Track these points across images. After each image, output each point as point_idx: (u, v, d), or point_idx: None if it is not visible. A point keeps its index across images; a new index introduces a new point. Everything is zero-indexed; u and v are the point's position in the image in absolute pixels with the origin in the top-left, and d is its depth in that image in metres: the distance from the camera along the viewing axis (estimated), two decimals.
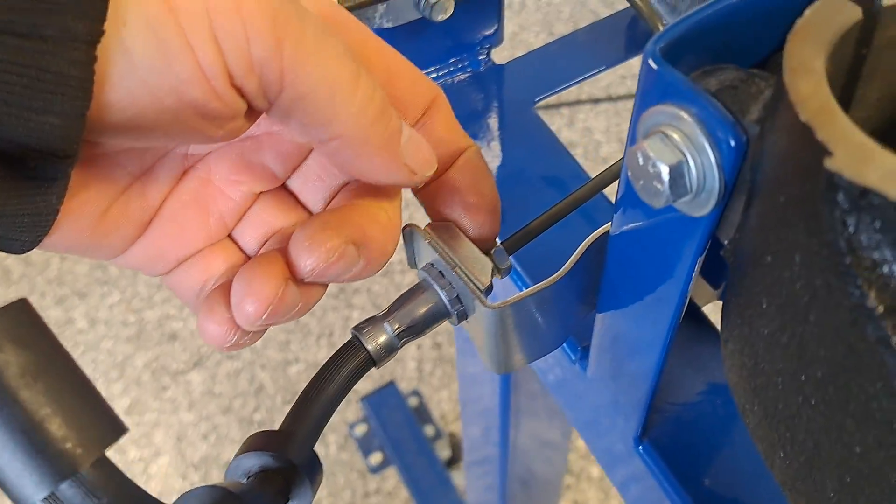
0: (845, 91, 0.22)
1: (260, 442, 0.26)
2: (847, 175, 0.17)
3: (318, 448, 1.42)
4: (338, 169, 0.30)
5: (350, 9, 0.40)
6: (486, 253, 0.31)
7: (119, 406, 1.46)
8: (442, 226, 0.31)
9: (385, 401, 1.35)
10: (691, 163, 0.23)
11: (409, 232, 0.31)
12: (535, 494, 0.72)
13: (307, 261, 0.26)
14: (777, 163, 0.20)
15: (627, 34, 0.48)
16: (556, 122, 1.74)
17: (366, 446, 1.35)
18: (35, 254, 1.64)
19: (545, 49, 0.48)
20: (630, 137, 0.25)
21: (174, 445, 1.42)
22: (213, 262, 0.29)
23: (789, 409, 0.22)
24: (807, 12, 0.21)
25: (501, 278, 0.32)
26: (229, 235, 0.30)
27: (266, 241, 0.30)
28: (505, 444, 0.60)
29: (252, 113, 0.24)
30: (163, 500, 0.22)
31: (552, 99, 0.50)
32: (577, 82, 0.46)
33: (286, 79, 0.23)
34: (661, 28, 0.39)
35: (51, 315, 1.57)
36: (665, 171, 0.23)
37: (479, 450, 0.67)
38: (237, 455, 0.26)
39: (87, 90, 0.21)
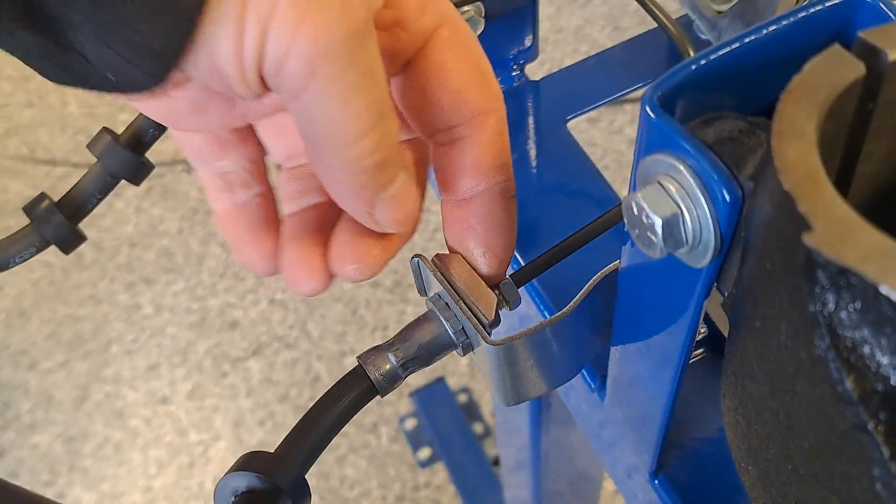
0: (851, 146, 0.21)
1: (251, 463, 0.26)
2: (826, 252, 0.16)
3: (370, 438, 1.44)
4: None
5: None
6: (495, 286, 0.31)
7: (181, 390, 1.50)
8: (450, 257, 0.31)
9: (434, 396, 1.35)
10: (686, 215, 0.22)
11: (416, 262, 0.31)
12: None
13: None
14: (763, 227, 0.19)
15: (669, 50, 0.47)
16: (620, 119, 1.71)
17: (415, 440, 1.36)
18: (107, 240, 1.69)
19: (581, 65, 0.47)
20: (631, 183, 0.25)
21: (232, 430, 1.46)
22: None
23: (780, 475, 0.21)
24: (805, 67, 0.20)
25: (510, 310, 0.31)
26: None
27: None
28: (536, 454, 0.59)
29: None
30: None
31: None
32: (612, 100, 0.45)
33: (302, 99, 0.24)
34: (691, 52, 0.38)
35: (119, 300, 1.62)
36: (658, 224, 0.22)
37: (512, 457, 0.67)
38: (228, 472, 0.26)
39: (193, 21, 0.22)
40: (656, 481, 0.36)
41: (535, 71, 0.46)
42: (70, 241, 0.36)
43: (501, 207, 0.30)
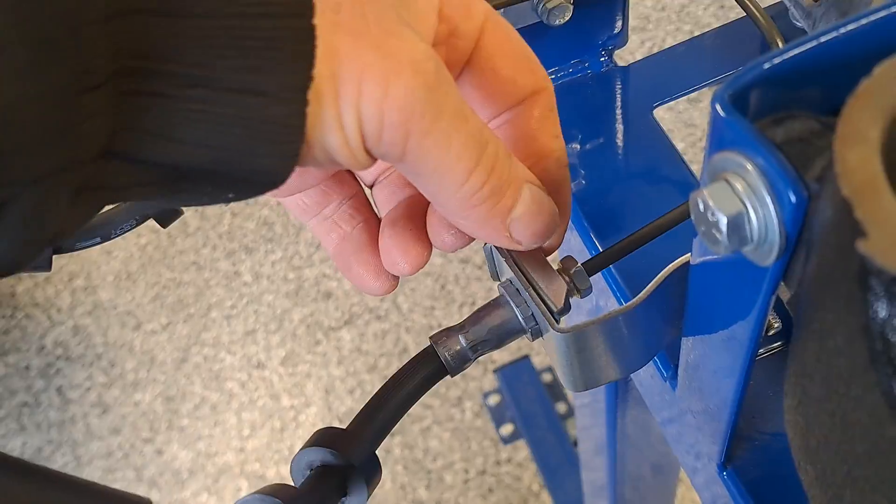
0: None
1: (325, 438, 0.28)
2: (879, 260, 0.16)
3: (454, 412, 1.46)
4: None
5: None
6: (566, 273, 0.31)
7: (276, 356, 1.56)
8: None
9: (519, 374, 1.36)
10: (752, 214, 0.22)
11: (489, 248, 0.32)
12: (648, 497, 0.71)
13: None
14: (823, 230, 0.19)
15: (762, 39, 0.46)
16: None
17: (498, 417, 1.37)
18: (210, 209, 1.76)
19: (671, 51, 0.46)
20: (700, 178, 0.25)
21: (323, 397, 1.50)
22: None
23: (836, 476, 0.21)
24: (875, 71, 0.19)
25: (581, 298, 0.32)
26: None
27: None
28: (613, 437, 0.60)
29: None
30: None
31: None
32: (701, 88, 0.45)
33: (406, 158, 0.26)
34: (780, 44, 0.37)
35: (220, 266, 1.69)
36: (724, 221, 0.22)
37: (590, 440, 0.67)
38: (303, 447, 0.28)
39: (302, 132, 0.24)
40: (724, 473, 0.36)
41: (636, 49, 0.46)
42: (167, 215, 0.38)
43: (558, 178, 0.31)
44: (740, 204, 0.22)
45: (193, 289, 1.66)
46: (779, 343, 0.37)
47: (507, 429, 1.36)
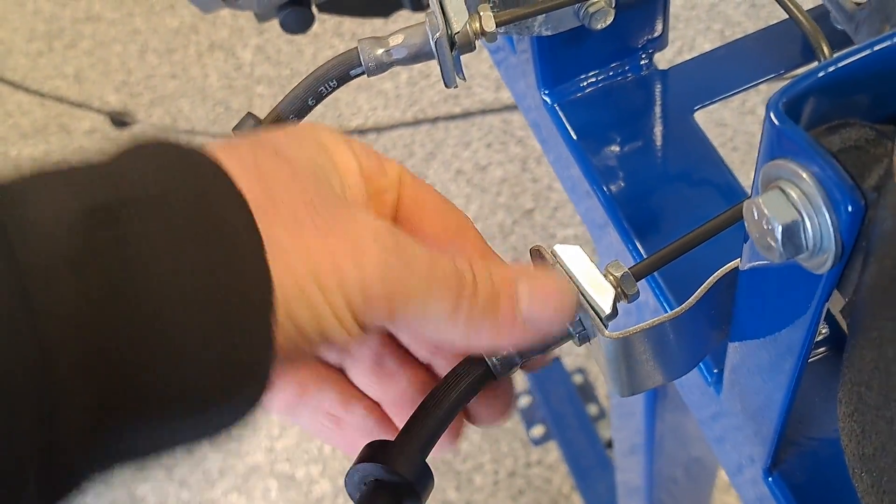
0: None
1: (375, 453, 0.29)
2: None
3: None
4: None
5: (506, 21, 0.40)
6: (613, 278, 0.31)
7: None
8: (571, 248, 0.32)
9: (549, 375, 1.36)
10: (807, 222, 0.22)
11: (535, 251, 0.32)
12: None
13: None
14: (883, 240, 0.19)
15: (804, 41, 0.46)
16: (752, 100, 1.65)
17: (529, 418, 1.37)
18: None
19: (712, 54, 0.46)
20: (753, 186, 0.25)
21: None
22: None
23: (893, 483, 0.21)
24: None
25: (629, 303, 0.32)
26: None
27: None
28: (650, 438, 0.60)
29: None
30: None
31: None
32: (742, 91, 0.45)
33: (396, 317, 0.28)
34: (824, 47, 0.37)
35: None
36: (779, 230, 0.22)
37: (626, 441, 0.67)
38: (355, 463, 0.29)
39: (271, 371, 0.25)
40: (770, 478, 0.36)
41: (666, 49, 0.46)
42: None
43: None
44: (795, 212, 0.22)
45: None
46: (823, 348, 0.37)
47: (537, 430, 1.36)
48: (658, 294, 0.40)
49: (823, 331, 0.36)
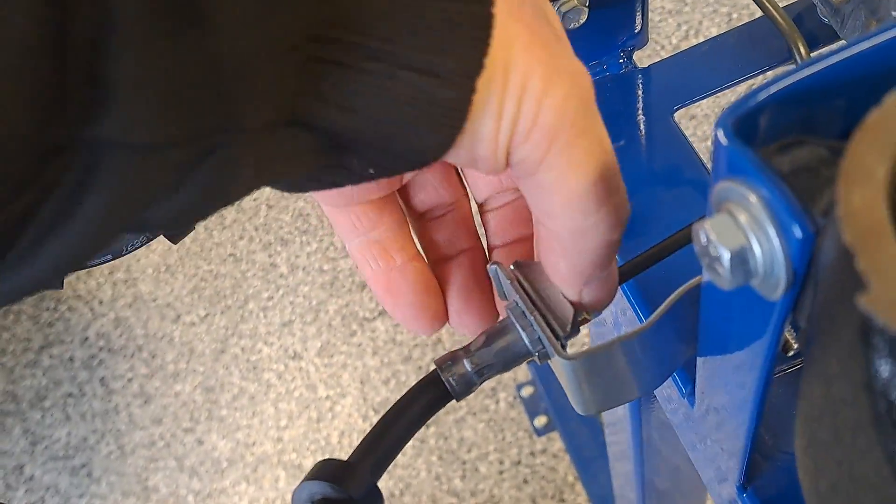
0: None
1: (325, 471, 0.28)
2: (882, 319, 0.15)
3: (488, 402, 1.46)
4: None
5: None
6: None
7: (312, 347, 1.57)
8: (529, 264, 0.30)
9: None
10: (756, 248, 0.21)
11: (493, 269, 0.31)
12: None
13: None
14: (827, 273, 0.18)
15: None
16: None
17: (532, 408, 1.36)
18: (246, 201, 1.77)
19: (691, 52, 0.45)
20: (707, 208, 0.24)
21: (358, 388, 1.51)
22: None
23: None
24: (886, 100, 0.18)
25: (590, 320, 0.31)
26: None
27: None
28: (638, 442, 0.59)
29: None
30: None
31: None
32: (723, 90, 0.43)
33: (541, 168, 0.26)
34: (801, 48, 0.36)
35: (257, 258, 1.70)
36: (726, 257, 0.21)
37: (616, 446, 0.66)
38: (305, 479, 0.28)
39: (464, 118, 0.24)
40: (745, 494, 0.35)
41: (672, 33, 0.44)
42: (178, 232, 0.38)
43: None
44: (743, 238, 0.21)
45: (230, 281, 1.67)
46: (801, 360, 0.36)
47: (541, 420, 1.35)
48: (633, 302, 0.39)
49: (796, 346, 0.35)
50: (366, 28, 0.22)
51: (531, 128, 0.24)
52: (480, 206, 0.34)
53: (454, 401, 0.30)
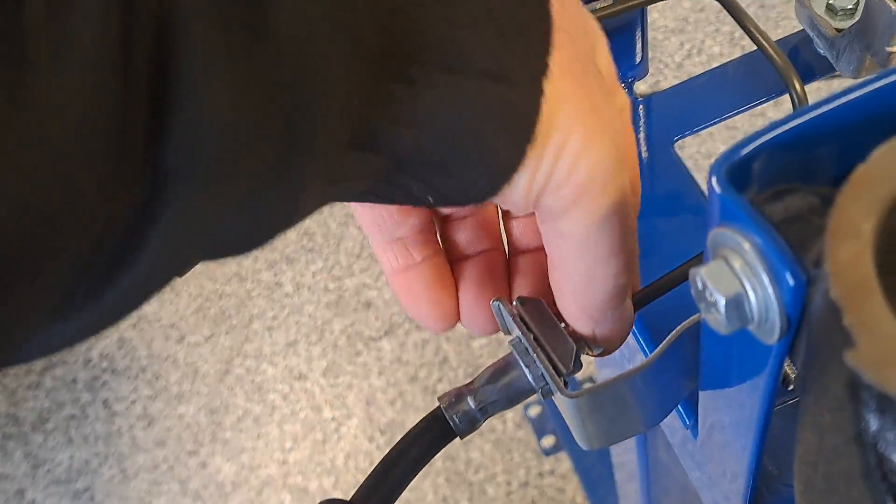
0: None
1: None
2: (868, 375, 0.15)
3: (496, 423, 1.46)
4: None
5: None
6: (577, 334, 0.31)
7: (317, 367, 1.57)
8: (532, 300, 0.31)
9: None
10: (751, 294, 0.21)
11: (496, 305, 0.31)
12: None
13: None
14: (816, 324, 0.18)
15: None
16: None
17: (539, 428, 1.36)
18: None
19: (692, 82, 0.45)
20: (704, 252, 0.24)
21: (364, 409, 1.51)
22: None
23: None
24: (872, 155, 0.19)
25: (593, 356, 0.31)
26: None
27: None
28: (644, 464, 0.59)
29: None
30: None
31: None
32: (724, 119, 0.44)
33: (560, 221, 0.26)
34: (796, 83, 0.36)
35: (262, 277, 1.70)
36: (722, 303, 0.21)
37: (623, 467, 0.66)
38: None
39: (535, 121, 0.24)
40: None
41: (675, 52, 0.45)
42: None
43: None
44: (739, 285, 0.21)
45: (235, 300, 1.68)
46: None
47: (548, 440, 1.35)
48: (637, 335, 0.40)
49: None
50: (438, 38, 0.22)
51: (563, 183, 0.25)
52: (504, 212, 0.34)
53: (458, 439, 0.31)
